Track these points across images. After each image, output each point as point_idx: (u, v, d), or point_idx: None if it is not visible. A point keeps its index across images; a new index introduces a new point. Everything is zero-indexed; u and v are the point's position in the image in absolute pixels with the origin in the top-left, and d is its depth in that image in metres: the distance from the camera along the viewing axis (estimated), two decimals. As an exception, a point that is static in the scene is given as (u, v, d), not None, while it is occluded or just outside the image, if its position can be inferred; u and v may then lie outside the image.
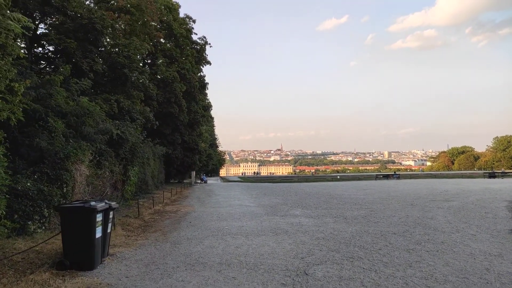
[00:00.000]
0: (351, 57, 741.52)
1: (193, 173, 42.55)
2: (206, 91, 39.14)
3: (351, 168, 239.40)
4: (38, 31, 18.09)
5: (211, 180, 59.07)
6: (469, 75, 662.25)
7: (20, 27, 6.41)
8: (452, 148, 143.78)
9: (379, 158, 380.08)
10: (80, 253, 5.79)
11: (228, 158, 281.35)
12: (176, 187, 28.47)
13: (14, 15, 6.29)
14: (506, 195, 18.61)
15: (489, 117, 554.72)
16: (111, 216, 6.84)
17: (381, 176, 48.83)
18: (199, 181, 47.04)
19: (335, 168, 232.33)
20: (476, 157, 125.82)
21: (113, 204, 6.83)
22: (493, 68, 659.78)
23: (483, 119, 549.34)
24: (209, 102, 48.13)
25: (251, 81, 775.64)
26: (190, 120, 32.25)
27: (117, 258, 6.64)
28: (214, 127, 77.88)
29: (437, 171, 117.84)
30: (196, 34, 34.18)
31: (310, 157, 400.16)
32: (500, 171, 51.21)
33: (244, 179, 67.69)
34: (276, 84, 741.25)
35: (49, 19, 18.76)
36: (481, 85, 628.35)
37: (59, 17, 17.17)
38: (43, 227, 8.49)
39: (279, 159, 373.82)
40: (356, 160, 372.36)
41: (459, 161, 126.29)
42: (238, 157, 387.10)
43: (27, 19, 6.70)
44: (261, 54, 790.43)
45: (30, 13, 16.54)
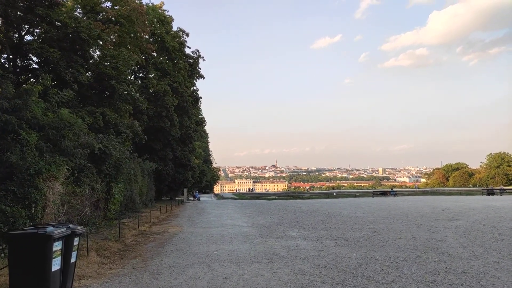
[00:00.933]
0: (345, 75, 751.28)
1: (185, 190, 41.24)
2: (200, 105, 38.37)
3: (346, 185, 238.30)
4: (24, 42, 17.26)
5: (204, 197, 57.62)
6: (461, 93, 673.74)
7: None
8: (446, 164, 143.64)
9: (374, 174, 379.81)
10: (31, 291, 4.71)
11: (222, 175, 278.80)
12: (167, 205, 27.21)
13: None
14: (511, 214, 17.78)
15: (481, 134, 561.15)
16: (75, 243, 5.77)
17: (378, 193, 47.88)
18: (191, 198, 45.67)
19: (330, 185, 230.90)
20: (471, 174, 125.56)
21: (79, 228, 5.78)
22: (484, 86, 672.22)
23: (476, 136, 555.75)
24: (203, 117, 47.35)
25: (246, 97, 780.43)
26: (182, 135, 31.27)
27: (80, 294, 5.55)
28: (208, 143, 76.96)
29: (432, 187, 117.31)
30: (190, 47, 33.70)
31: (305, 173, 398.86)
32: (498, 188, 50.54)
33: (238, 196, 66.27)
34: (271, 101, 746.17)
35: (36, 30, 17.99)
36: (473, 102, 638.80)
37: (43, 26, 16.34)
38: (2, 254, 7.36)
39: (274, 175, 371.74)
40: (351, 176, 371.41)
41: (453, 178, 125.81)
42: (232, 173, 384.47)
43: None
44: (256, 71, 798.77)
45: (11, 21, 15.69)
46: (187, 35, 31.68)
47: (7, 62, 16.66)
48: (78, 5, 21.03)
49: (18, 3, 15.32)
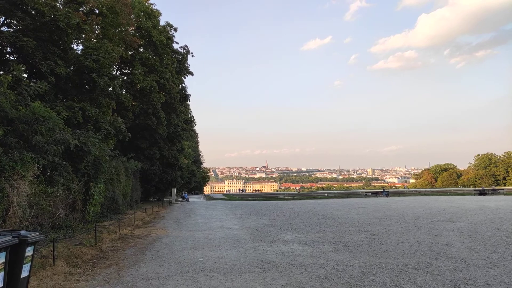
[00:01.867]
0: (335, 76, 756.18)
1: (174, 191, 40.04)
2: (188, 103, 37.27)
3: (336, 185, 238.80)
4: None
5: (193, 198, 56.39)
6: (449, 95, 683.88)
7: None
8: (435, 165, 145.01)
9: (363, 175, 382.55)
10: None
11: (213, 175, 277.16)
12: (153, 206, 26.06)
13: None
14: (510, 214, 17.23)
15: (469, 135, 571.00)
16: (28, 253, 4.77)
17: (370, 194, 47.39)
18: (180, 199, 44.46)
19: (320, 185, 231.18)
20: (459, 175, 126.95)
21: (31, 236, 4.77)
22: (471, 88, 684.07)
23: (463, 138, 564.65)
24: (192, 116, 46.19)
25: (236, 98, 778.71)
26: (170, 133, 30.13)
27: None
28: (198, 143, 75.65)
29: (420, 188, 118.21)
30: (178, 43, 32.57)
31: (295, 174, 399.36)
32: (490, 188, 50.58)
33: (228, 197, 65.19)
34: (262, 102, 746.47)
35: (13, 21, 16.73)
36: (460, 104, 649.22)
37: (16, 13, 15.14)
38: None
39: (264, 176, 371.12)
40: (340, 177, 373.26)
41: (442, 178, 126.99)
42: (223, 174, 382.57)
43: None
44: (246, 72, 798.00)
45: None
46: (175, 30, 30.59)
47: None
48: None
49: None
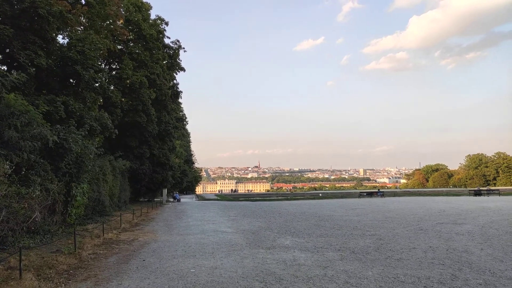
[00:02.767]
0: (328, 77, 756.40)
1: (165, 191, 38.85)
2: (180, 100, 36.11)
3: (328, 186, 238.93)
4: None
5: (185, 199, 55.19)
6: (439, 96, 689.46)
7: None
8: (426, 165, 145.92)
9: (355, 175, 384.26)
10: None
11: (205, 175, 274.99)
12: (143, 207, 24.98)
13: None
14: (514, 216, 16.66)
15: (459, 136, 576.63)
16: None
17: (365, 194, 46.77)
18: (171, 200, 43.25)
19: (312, 186, 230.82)
20: (450, 175, 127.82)
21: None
22: (461, 90, 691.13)
23: (453, 138, 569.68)
24: (184, 115, 45.02)
25: (229, 98, 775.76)
26: (161, 131, 28.99)
27: None
28: (190, 143, 74.35)
29: (412, 188, 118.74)
30: (169, 38, 31.35)
31: (287, 174, 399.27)
32: (485, 188, 50.44)
33: (221, 197, 64.11)
34: (254, 102, 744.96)
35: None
36: (451, 105, 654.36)
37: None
38: None
39: (256, 176, 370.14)
40: (332, 177, 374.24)
41: (433, 179, 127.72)
42: (215, 174, 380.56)
43: None
44: (239, 72, 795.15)
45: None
46: (167, 24, 29.41)
47: None
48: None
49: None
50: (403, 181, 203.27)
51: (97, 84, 17.33)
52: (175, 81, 32.39)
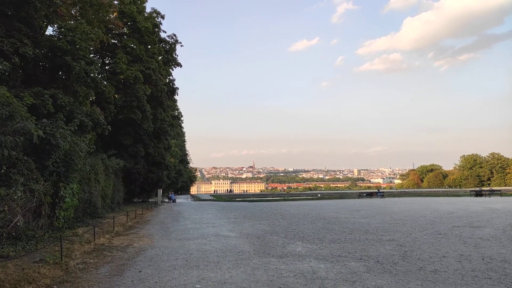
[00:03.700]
0: (322, 78, 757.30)
1: (160, 191, 37.70)
2: (176, 97, 34.92)
3: (322, 186, 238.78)
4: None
5: (180, 199, 54.02)
6: (433, 97, 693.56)
7: None
8: (421, 166, 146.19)
9: (349, 175, 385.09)
10: None
11: (199, 175, 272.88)
12: (137, 208, 23.82)
13: None
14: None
15: (452, 137, 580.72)
16: None
17: (365, 194, 45.97)
18: (166, 200, 42.08)
19: (307, 186, 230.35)
20: (445, 175, 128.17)
21: None
22: (454, 91, 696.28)
23: (447, 139, 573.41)
24: (180, 113, 43.86)
25: (223, 99, 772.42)
26: (156, 129, 27.85)
27: None
28: (185, 142, 73.14)
29: (407, 188, 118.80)
30: (165, 32, 30.18)
31: (282, 174, 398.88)
32: (487, 189, 49.97)
33: (216, 197, 62.99)
34: (249, 102, 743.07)
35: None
36: (444, 106, 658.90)
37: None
38: None
39: (251, 176, 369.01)
40: (327, 177, 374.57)
41: (428, 179, 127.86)
42: (209, 174, 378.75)
43: None
44: (234, 72, 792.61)
45: None
46: (163, 17, 28.22)
47: None
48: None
49: None
50: (397, 181, 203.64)
51: (88, 77, 16.24)
52: (171, 77, 31.27)
